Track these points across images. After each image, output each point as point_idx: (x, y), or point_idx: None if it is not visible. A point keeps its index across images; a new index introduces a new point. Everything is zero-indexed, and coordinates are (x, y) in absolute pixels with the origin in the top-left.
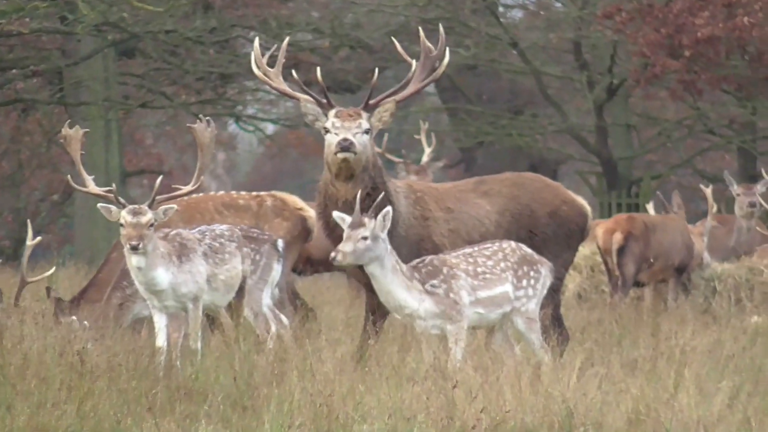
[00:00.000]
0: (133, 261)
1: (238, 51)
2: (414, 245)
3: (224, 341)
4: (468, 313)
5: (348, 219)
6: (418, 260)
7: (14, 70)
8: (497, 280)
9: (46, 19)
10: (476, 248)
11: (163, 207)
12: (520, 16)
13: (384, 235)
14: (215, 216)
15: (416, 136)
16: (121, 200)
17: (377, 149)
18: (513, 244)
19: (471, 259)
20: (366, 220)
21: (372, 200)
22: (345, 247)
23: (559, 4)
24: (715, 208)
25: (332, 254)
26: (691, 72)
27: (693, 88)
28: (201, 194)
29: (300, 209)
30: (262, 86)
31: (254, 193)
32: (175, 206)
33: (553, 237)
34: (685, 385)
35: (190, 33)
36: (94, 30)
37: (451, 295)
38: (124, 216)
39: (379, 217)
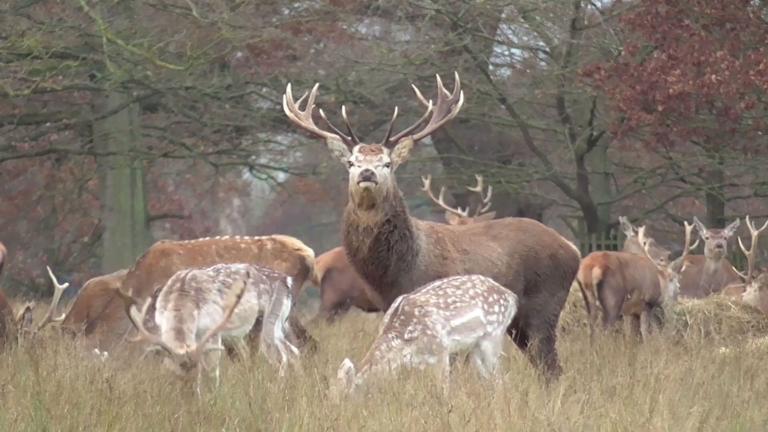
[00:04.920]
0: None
1: (251, 106)
2: (432, 280)
3: (240, 370)
4: (446, 342)
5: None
6: (391, 310)
7: (48, 123)
8: (467, 307)
9: (76, 77)
10: (445, 281)
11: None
12: (508, 74)
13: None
14: (216, 259)
15: (423, 188)
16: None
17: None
18: (481, 277)
19: (441, 292)
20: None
21: (392, 226)
22: None
23: (543, 63)
24: (693, 245)
25: None
26: (664, 125)
27: (665, 140)
28: (206, 238)
29: (298, 250)
30: (273, 137)
31: (256, 237)
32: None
33: (551, 277)
34: (660, 409)
35: (207, 89)
36: (121, 87)
37: (428, 332)
38: (177, 371)
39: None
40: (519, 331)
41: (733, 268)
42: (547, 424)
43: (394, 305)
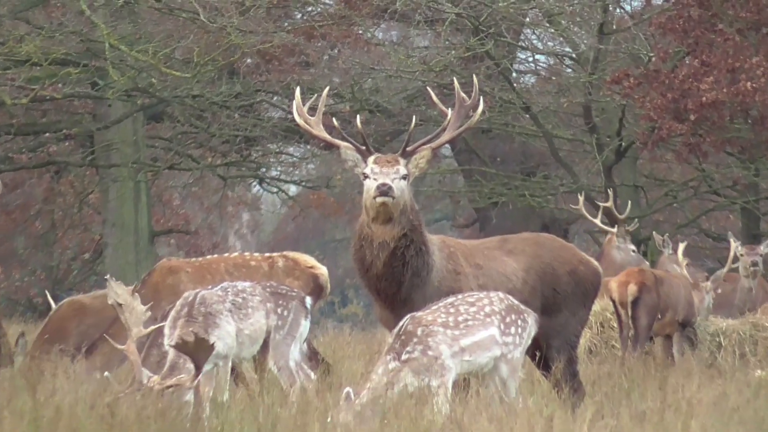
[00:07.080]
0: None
1: (261, 115)
2: (445, 296)
3: (248, 394)
4: (451, 364)
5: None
6: (396, 329)
7: (47, 134)
8: (480, 326)
9: (77, 85)
10: (459, 297)
11: None
12: (533, 81)
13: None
14: (226, 277)
15: (575, 207)
16: None
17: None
18: (501, 294)
19: (452, 309)
20: None
21: (409, 240)
22: None
23: (569, 70)
24: (741, 266)
25: None
26: (696, 135)
27: (698, 151)
28: (215, 255)
29: (311, 267)
30: (285, 149)
31: (266, 255)
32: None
33: (572, 295)
34: None
35: (215, 98)
36: (124, 95)
37: (429, 352)
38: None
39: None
40: (541, 353)
41: None
42: None
43: (399, 324)
